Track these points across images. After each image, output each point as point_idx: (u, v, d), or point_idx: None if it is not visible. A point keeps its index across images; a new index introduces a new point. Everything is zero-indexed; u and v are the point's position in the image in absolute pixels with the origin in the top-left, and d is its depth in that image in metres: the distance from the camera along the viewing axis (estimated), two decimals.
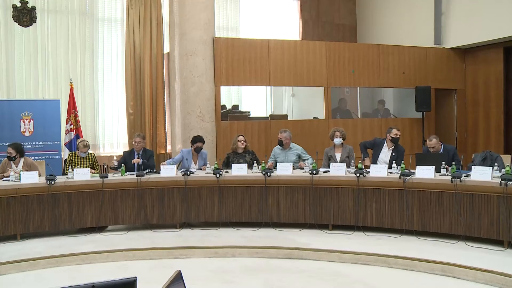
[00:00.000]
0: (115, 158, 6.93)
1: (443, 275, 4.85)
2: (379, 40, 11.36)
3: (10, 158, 6.75)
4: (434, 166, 5.88)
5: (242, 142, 7.26)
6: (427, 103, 9.78)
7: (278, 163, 6.80)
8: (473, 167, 5.71)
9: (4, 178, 6.54)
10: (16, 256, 5.45)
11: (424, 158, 6.36)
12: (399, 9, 11.35)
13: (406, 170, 6.04)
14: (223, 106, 9.64)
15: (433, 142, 6.60)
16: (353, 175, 6.19)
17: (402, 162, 6.24)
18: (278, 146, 7.35)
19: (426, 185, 5.80)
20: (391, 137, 7.03)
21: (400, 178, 5.93)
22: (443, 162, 6.02)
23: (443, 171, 5.96)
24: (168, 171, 6.66)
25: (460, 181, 5.53)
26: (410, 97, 10.13)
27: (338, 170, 6.36)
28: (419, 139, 9.99)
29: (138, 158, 7.16)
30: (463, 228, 5.54)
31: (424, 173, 5.87)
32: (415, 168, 6.05)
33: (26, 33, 9.13)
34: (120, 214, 6.51)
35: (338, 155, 7.06)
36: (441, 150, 6.64)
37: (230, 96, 10.97)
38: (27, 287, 4.85)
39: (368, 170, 6.28)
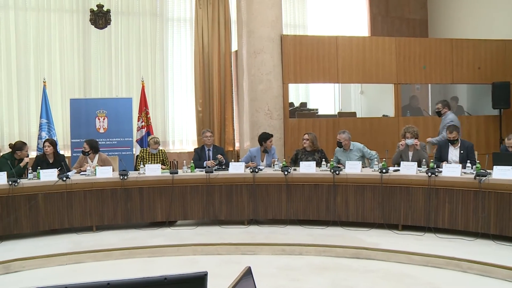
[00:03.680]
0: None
1: None
2: (452, 34, 10.88)
3: (84, 153, 7.13)
4: None
5: (304, 141, 7.17)
6: (506, 100, 9.26)
7: (346, 162, 6.67)
8: None
9: (82, 172, 6.89)
10: (92, 246, 5.73)
11: (502, 158, 6.04)
12: (475, 0, 10.80)
13: (481, 170, 5.75)
14: (291, 104, 9.64)
15: None
16: (425, 174, 5.97)
17: (478, 162, 5.95)
18: (338, 148, 7.19)
19: (504, 186, 5.46)
20: (447, 139, 6.73)
21: (475, 178, 5.64)
22: None
23: None
24: (236, 167, 6.72)
25: None
26: (486, 94, 9.60)
27: (409, 169, 6.16)
28: (496, 137, 9.47)
29: (209, 153, 7.33)
30: None
31: (503, 173, 5.54)
32: (491, 168, 5.73)
33: (101, 35, 9.57)
34: (189, 209, 6.66)
35: (410, 153, 6.81)
36: None
37: (298, 93, 10.95)
38: (103, 276, 5.03)
39: (440, 169, 6.04)
